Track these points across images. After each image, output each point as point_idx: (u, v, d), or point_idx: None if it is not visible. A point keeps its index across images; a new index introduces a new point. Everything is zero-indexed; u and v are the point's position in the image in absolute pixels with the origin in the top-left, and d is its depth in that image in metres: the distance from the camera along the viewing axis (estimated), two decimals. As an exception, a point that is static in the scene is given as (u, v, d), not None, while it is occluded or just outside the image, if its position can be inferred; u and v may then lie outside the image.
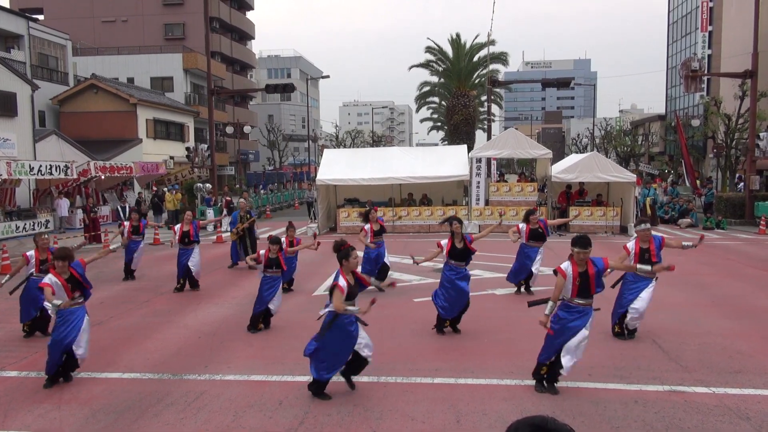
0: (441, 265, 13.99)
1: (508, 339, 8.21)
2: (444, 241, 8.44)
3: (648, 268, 7.39)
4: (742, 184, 29.70)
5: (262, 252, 8.71)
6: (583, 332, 6.12)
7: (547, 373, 6.28)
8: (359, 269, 6.76)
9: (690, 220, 22.86)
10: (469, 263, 8.49)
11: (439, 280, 12.21)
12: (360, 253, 7.52)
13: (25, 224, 21.46)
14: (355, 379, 6.42)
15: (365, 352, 6.19)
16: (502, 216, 18.16)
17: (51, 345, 6.63)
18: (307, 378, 6.75)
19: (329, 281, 12.24)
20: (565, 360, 6.10)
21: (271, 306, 8.72)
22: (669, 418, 5.59)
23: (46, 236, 9.10)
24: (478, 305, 10.17)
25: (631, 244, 8.01)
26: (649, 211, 22.40)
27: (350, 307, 5.98)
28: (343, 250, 6.21)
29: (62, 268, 6.65)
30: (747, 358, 7.26)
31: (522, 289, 11.07)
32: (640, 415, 5.65)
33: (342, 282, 6.01)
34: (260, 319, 8.78)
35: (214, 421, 5.71)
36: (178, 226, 12.06)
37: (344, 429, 5.50)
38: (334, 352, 6.08)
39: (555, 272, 6.26)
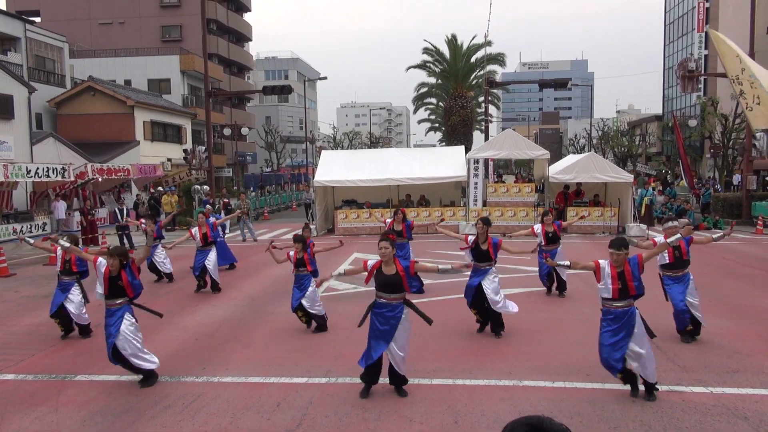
0: (443, 266, 14.05)
1: (505, 340, 8.21)
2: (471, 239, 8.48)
3: (677, 236, 7.23)
4: (717, 187, 29.59)
5: (291, 253, 8.76)
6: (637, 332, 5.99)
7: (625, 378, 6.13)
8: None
9: (687, 220, 22.88)
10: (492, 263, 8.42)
11: (436, 281, 12.28)
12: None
13: (22, 227, 21.40)
14: (351, 379, 6.42)
15: (394, 360, 6.15)
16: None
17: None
18: (305, 380, 6.77)
19: (327, 283, 12.25)
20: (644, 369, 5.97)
21: (304, 302, 8.64)
22: (667, 417, 5.60)
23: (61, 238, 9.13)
24: (476, 306, 10.18)
25: (660, 239, 8.00)
26: (643, 211, 22.44)
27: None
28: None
29: (112, 264, 6.64)
30: (745, 357, 7.27)
31: (553, 291, 11.00)
32: (638, 415, 5.65)
33: (369, 261, 6.26)
34: (299, 315, 8.80)
35: (212, 423, 5.70)
36: (195, 230, 11.96)
37: (342, 430, 5.49)
38: (369, 341, 6.18)
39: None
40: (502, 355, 7.52)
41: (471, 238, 8.47)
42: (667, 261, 7.92)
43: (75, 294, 8.71)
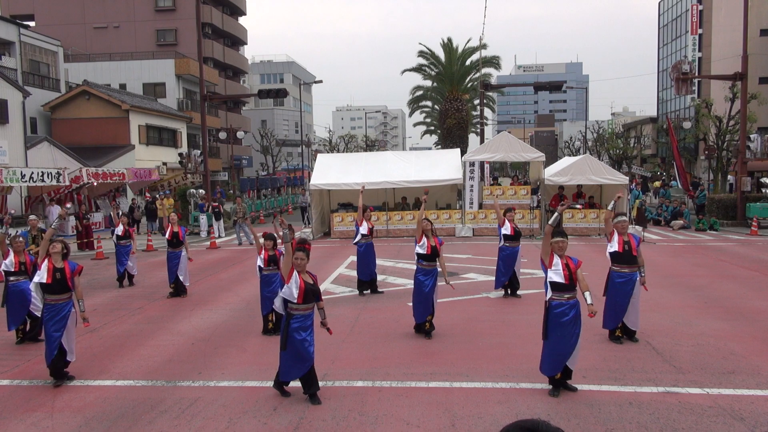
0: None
1: (501, 342, 8.21)
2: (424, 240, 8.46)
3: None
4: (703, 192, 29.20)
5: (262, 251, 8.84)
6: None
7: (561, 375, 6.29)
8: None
9: (683, 221, 22.96)
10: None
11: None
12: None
13: (17, 231, 21.30)
14: (348, 383, 6.41)
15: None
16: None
17: (45, 339, 7.04)
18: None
19: (322, 287, 12.24)
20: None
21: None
22: (664, 419, 5.61)
23: (21, 239, 9.08)
24: (471, 308, 10.19)
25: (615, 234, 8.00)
26: (635, 213, 22.51)
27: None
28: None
29: (56, 256, 6.98)
30: (740, 358, 7.29)
31: (508, 292, 11.05)
32: (635, 417, 5.66)
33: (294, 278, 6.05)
34: (269, 319, 8.78)
35: (209, 427, 5.68)
36: (169, 229, 12.07)
37: (339, 434, 5.48)
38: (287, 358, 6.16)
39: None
40: (498, 358, 7.52)
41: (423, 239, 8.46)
42: (616, 249, 7.80)
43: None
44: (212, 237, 21.19)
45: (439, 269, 8.44)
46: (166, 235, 12.00)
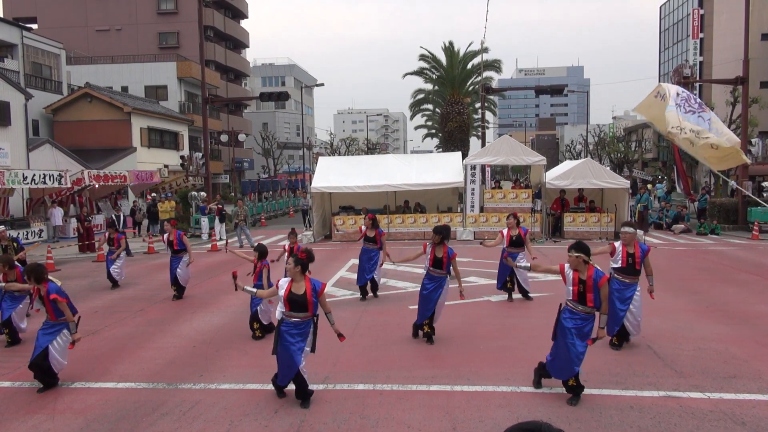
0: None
1: (503, 346, 8.21)
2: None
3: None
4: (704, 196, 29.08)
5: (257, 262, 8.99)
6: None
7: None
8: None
9: (684, 225, 22.96)
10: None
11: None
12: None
13: (19, 234, 21.33)
14: (349, 386, 6.41)
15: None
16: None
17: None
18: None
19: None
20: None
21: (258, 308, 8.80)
22: (665, 423, 5.61)
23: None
24: (473, 312, 10.18)
25: (618, 244, 7.91)
26: (636, 216, 22.50)
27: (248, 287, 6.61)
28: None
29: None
30: (741, 362, 7.29)
31: (512, 295, 11.03)
32: (636, 421, 5.66)
33: (281, 281, 6.25)
34: (254, 326, 8.84)
35: (210, 430, 5.68)
36: (166, 236, 12.28)
37: (340, 437, 5.48)
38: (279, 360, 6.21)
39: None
40: (499, 362, 7.52)
41: (429, 246, 8.54)
42: (620, 265, 7.78)
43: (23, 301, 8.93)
44: (213, 239, 21.20)
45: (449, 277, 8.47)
46: (166, 245, 12.16)
